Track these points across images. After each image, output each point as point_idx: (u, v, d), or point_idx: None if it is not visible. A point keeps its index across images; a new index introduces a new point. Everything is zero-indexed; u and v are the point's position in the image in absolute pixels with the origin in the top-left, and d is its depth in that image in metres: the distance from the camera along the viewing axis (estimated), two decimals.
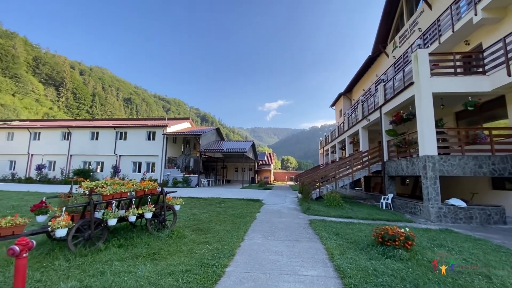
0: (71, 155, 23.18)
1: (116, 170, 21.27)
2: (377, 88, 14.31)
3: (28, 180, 21.00)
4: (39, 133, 24.40)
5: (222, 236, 5.55)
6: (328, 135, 27.89)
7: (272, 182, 34.06)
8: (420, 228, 6.90)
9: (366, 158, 12.66)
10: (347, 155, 17.96)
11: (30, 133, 24.34)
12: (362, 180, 18.14)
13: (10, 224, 3.83)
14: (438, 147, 8.64)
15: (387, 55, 18.94)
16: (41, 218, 4.49)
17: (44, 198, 4.68)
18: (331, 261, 4.14)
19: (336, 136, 22.43)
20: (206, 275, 3.41)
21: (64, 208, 4.13)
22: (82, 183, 4.78)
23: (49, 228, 3.89)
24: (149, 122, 25.52)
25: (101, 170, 22.69)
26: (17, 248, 2.33)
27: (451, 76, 8.98)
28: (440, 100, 9.83)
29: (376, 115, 12.83)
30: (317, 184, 12.42)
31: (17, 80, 75.31)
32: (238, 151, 22.57)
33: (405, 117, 9.96)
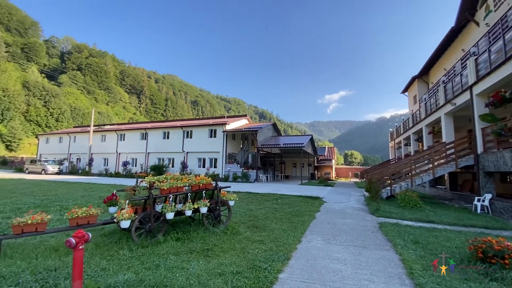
0: (148, 153, 26.55)
1: (184, 166, 23.33)
2: (465, 65, 11.62)
3: (117, 175, 24.99)
4: (124, 134, 28.76)
5: (278, 235, 5.19)
6: (399, 126, 24.52)
7: (334, 179, 32.09)
8: None
9: (451, 151, 10.43)
10: (425, 148, 15.33)
11: (117, 135, 28.93)
12: (446, 177, 15.23)
13: (85, 215, 4.29)
14: None
15: (477, 24, 15.23)
16: (112, 209, 4.93)
17: (115, 191, 5.15)
18: (411, 278, 3.31)
19: (410, 126, 19.45)
20: (256, 280, 3.09)
21: (127, 201, 4.41)
22: (145, 177, 5.08)
23: (115, 220, 4.21)
24: (210, 121, 27.12)
25: (172, 166, 25.25)
26: (73, 240, 2.42)
27: None
28: None
29: (464, 97, 10.41)
30: (388, 182, 10.85)
31: (109, 92, 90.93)
32: (296, 146, 21.88)
33: (508, 96, 7.70)
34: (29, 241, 4.36)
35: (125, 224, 4.15)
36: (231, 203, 5.71)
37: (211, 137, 24.15)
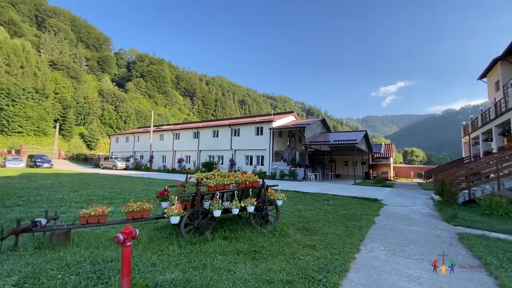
0: (200, 150, 28.08)
1: (232, 163, 23.95)
2: None
3: (173, 171, 27.07)
4: (179, 133, 31.00)
5: (332, 241, 4.66)
6: (476, 118, 20.79)
7: (392, 179, 29.06)
8: None
9: None
10: None
11: (173, 134, 31.34)
12: None
13: (139, 209, 4.47)
14: None
15: None
16: (164, 204, 5.06)
17: (166, 186, 5.30)
18: None
19: (492, 117, 16.23)
20: None
21: (176, 197, 4.44)
22: (195, 174, 5.09)
23: (165, 215, 4.26)
24: (257, 119, 27.25)
25: (222, 163, 26.19)
26: (121, 236, 2.39)
27: None
28: None
29: None
30: (465, 184, 9.11)
31: (166, 95, 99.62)
32: (348, 142, 20.38)
33: None
34: (94, 231, 4.74)
35: (174, 219, 4.17)
36: (279, 202, 5.38)
37: (257, 134, 24.22)
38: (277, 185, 5.67)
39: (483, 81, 24.39)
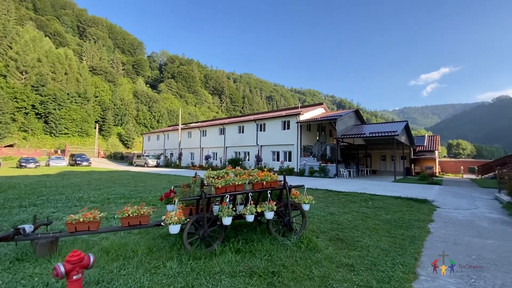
0: (226, 147, 27.76)
1: (258, 159, 23.16)
2: None
3: (201, 167, 27.13)
4: (206, 130, 31.05)
5: (376, 258, 3.55)
6: None
7: (438, 174, 25.92)
8: None
9: None
10: None
11: (200, 131, 31.49)
12: None
13: (136, 214, 3.79)
14: None
15: None
16: (170, 207, 4.36)
17: (172, 187, 4.59)
18: None
19: None
20: None
21: (176, 201, 3.68)
22: (206, 172, 4.30)
23: (162, 223, 3.52)
24: (283, 112, 26.04)
25: (248, 159, 25.55)
26: (61, 268, 1.63)
27: None
28: None
29: None
30: None
31: (196, 94, 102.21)
32: (386, 135, 18.30)
33: None
34: (91, 238, 4.19)
35: (174, 229, 3.40)
36: (306, 207, 4.36)
37: (284, 129, 23.06)
38: (303, 185, 4.64)
39: None
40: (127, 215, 3.67)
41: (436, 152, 29.27)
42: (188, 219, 3.63)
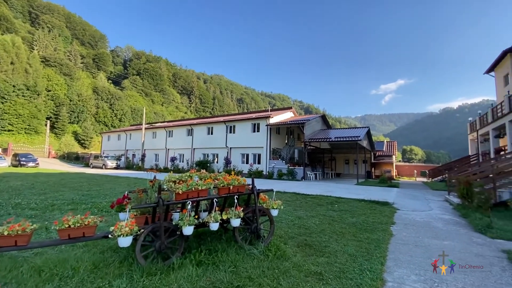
0: (194, 148, 26.78)
1: (227, 162, 22.68)
2: None
3: (165, 170, 25.75)
4: (172, 131, 29.68)
5: (344, 265, 3.46)
6: (485, 114, 19.68)
7: (395, 177, 27.92)
8: None
9: None
10: None
11: (166, 131, 30.01)
12: None
13: (79, 224, 3.23)
14: None
15: None
16: (123, 216, 3.84)
17: (126, 192, 4.06)
18: None
19: (506, 112, 15.10)
20: None
21: (128, 209, 3.21)
22: (166, 175, 3.86)
23: (110, 235, 3.03)
24: (253, 115, 25.97)
25: (217, 162, 24.93)
26: None
27: None
28: None
29: None
30: (491, 185, 7.92)
31: (163, 93, 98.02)
32: (350, 139, 19.18)
33: None
34: (21, 254, 3.49)
35: (124, 241, 2.93)
36: (274, 212, 4.15)
37: (254, 131, 22.97)
38: (272, 190, 4.44)
39: (491, 75, 23.31)
40: (66, 226, 3.09)
41: (394, 157, 31.60)
42: (143, 229, 3.18)
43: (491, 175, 7.85)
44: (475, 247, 4.42)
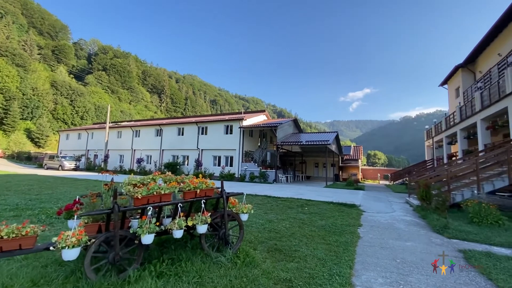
0: (162, 150, 25.62)
1: (198, 164, 22.03)
2: None
3: (131, 172, 24.25)
4: (139, 131, 28.11)
5: (313, 270, 3.39)
6: (439, 123, 21.57)
7: (361, 180, 29.39)
8: None
9: None
10: (480, 146, 12.74)
11: (133, 131, 28.34)
12: None
13: (15, 235, 2.75)
14: None
15: None
16: (72, 224, 3.38)
17: (77, 197, 3.61)
18: None
19: (457, 121, 16.64)
20: None
21: (76, 217, 2.81)
22: (125, 178, 3.46)
23: (52, 247, 2.62)
24: (226, 117, 25.67)
25: (187, 164, 24.08)
26: None
27: None
28: None
29: None
30: (446, 188, 8.56)
31: (132, 91, 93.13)
32: (320, 143, 19.74)
33: None
34: None
35: (69, 254, 2.54)
36: (244, 217, 3.98)
37: (227, 133, 22.64)
38: (242, 193, 4.26)
39: (444, 88, 25.67)
40: None
41: (360, 161, 33.31)
42: (94, 239, 2.80)
43: (445, 179, 8.51)
44: (434, 248, 4.65)
